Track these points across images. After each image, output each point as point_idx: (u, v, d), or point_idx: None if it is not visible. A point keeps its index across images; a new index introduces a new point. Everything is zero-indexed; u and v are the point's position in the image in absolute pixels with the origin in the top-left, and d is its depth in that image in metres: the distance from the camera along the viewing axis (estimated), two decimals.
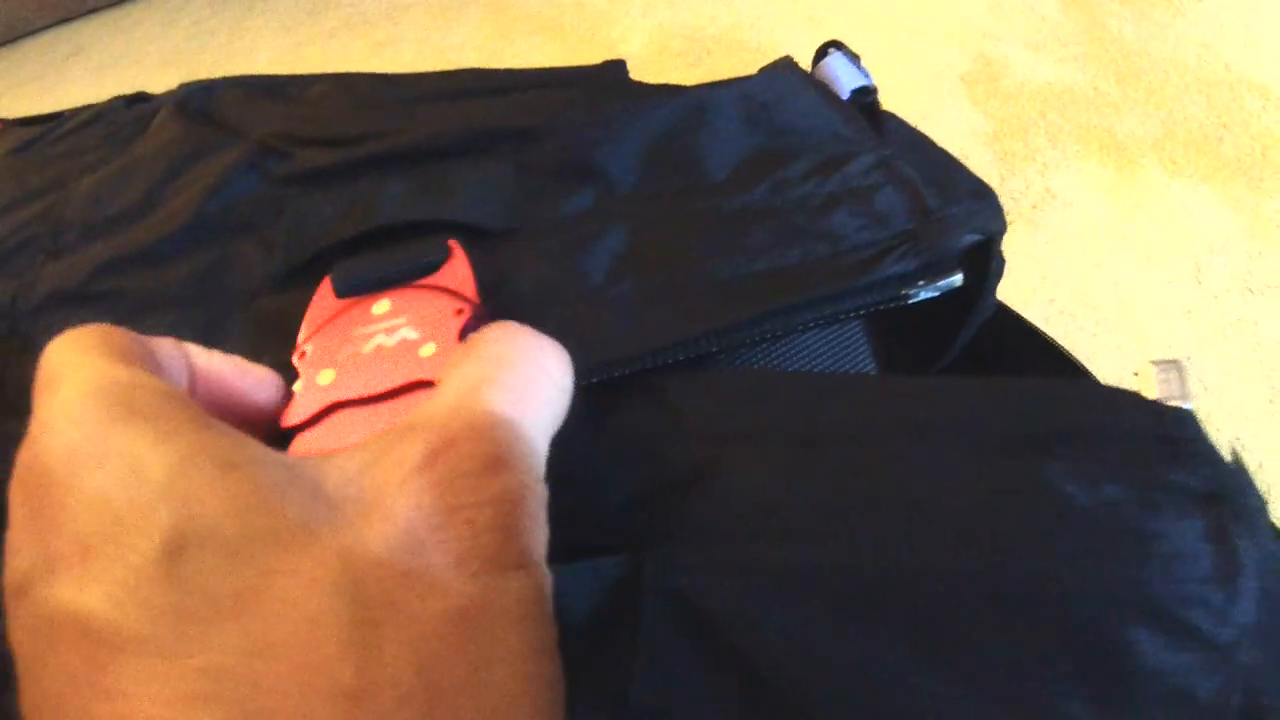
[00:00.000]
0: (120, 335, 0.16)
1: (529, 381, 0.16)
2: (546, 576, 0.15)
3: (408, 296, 0.23)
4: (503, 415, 0.15)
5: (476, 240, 0.25)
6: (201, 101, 0.33)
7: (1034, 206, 0.78)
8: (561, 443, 0.20)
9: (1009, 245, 0.27)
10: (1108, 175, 0.81)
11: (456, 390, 0.15)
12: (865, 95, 0.33)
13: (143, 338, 0.17)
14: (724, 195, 0.26)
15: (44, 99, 1.22)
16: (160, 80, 1.10)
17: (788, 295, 0.24)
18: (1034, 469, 0.19)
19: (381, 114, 0.30)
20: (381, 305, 0.22)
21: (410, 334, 0.22)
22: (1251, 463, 0.61)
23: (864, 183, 0.27)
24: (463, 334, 0.21)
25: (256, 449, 0.14)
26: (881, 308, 0.24)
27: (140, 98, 0.37)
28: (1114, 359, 0.66)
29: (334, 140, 0.29)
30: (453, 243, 0.24)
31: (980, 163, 0.81)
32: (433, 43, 1.06)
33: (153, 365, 0.16)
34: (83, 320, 0.25)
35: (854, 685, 0.18)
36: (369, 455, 0.14)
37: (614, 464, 0.23)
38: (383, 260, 0.24)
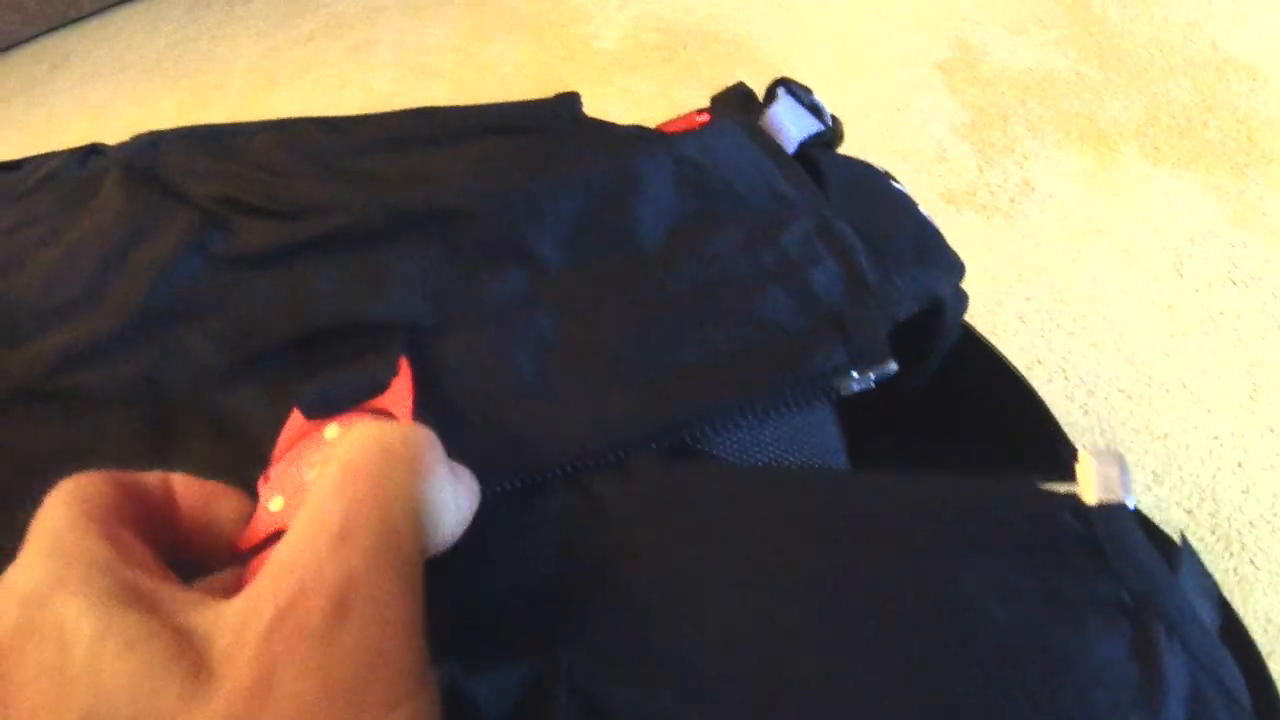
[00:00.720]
0: (104, 487, 0.18)
1: (383, 511, 0.16)
2: (431, 702, 0.16)
3: (352, 421, 0.23)
4: (343, 562, 0.15)
5: (411, 335, 0.26)
6: (147, 160, 0.33)
7: (1012, 200, 0.77)
8: (477, 535, 0.21)
9: (986, 240, 0.27)
10: (1088, 164, 0.80)
11: (296, 540, 0.16)
12: (818, 140, 0.33)
13: (131, 480, 0.19)
14: (655, 272, 0.26)
15: (32, 113, 1.22)
16: (145, 89, 1.10)
17: (716, 392, 0.24)
18: (952, 579, 0.19)
19: (318, 179, 0.31)
20: (332, 430, 0.23)
21: None
22: (1230, 461, 0.62)
23: (799, 255, 0.27)
24: None
25: (156, 622, 0.15)
26: (815, 400, 0.24)
27: (93, 149, 0.37)
28: (1091, 358, 0.67)
29: (272, 211, 0.30)
30: (403, 359, 0.24)
31: (958, 155, 0.81)
32: (410, 44, 1.05)
33: (135, 504, 0.18)
34: (42, 419, 0.27)
35: None
36: (243, 608, 0.15)
37: (533, 553, 0.23)
38: (338, 381, 0.24)
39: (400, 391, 0.24)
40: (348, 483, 0.16)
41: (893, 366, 0.25)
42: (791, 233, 0.27)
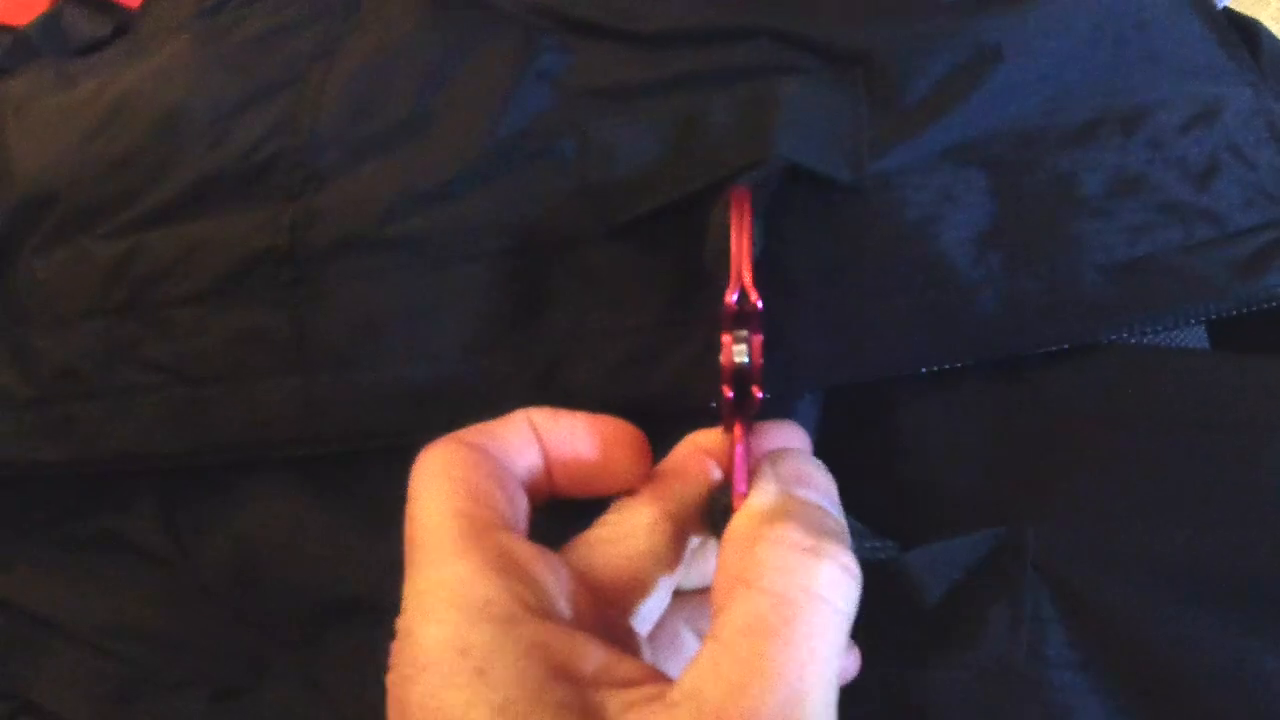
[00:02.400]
0: (470, 465, 0.17)
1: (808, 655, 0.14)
2: None
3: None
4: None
5: (805, 188, 0.22)
6: None
7: None
8: (912, 415, 0.21)
9: None
10: None
11: (727, 687, 0.14)
12: None
13: (491, 444, 0.18)
14: (1090, 147, 0.22)
15: None
16: None
17: (1171, 294, 0.21)
18: None
19: None
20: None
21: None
22: None
23: (1243, 138, 0.23)
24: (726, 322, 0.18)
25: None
26: (1251, 309, 0.21)
27: None
28: None
29: (617, 32, 0.24)
30: (737, 195, 0.20)
31: None
32: None
33: (506, 478, 0.17)
34: (382, 271, 0.23)
35: (1235, 681, 0.19)
36: None
37: (964, 434, 0.22)
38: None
39: (739, 240, 0.19)
40: (788, 641, 0.14)
41: None
42: (1233, 111, 0.23)
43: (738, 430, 0.18)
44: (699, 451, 0.20)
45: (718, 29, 0.24)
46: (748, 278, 0.18)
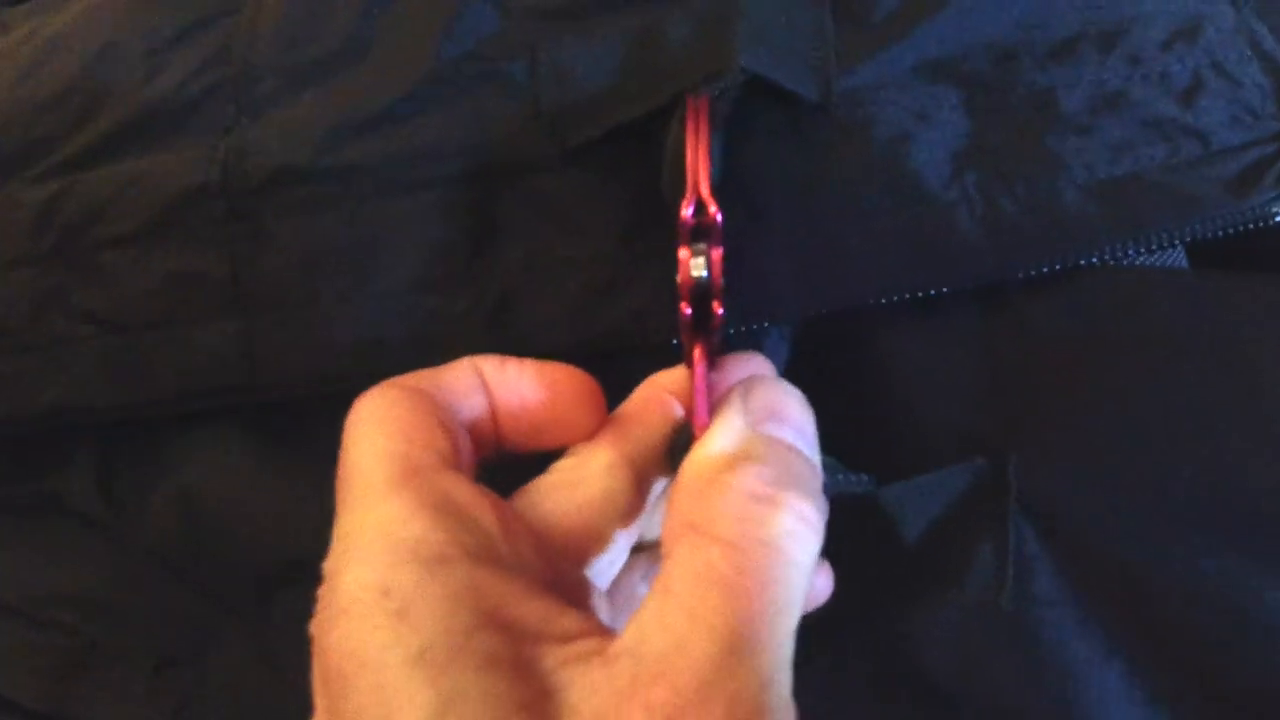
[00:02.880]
0: (409, 407, 0.16)
1: (775, 635, 0.13)
2: None
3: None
4: (728, 685, 0.12)
5: (769, 107, 0.21)
6: None
7: None
8: (888, 346, 0.20)
9: None
10: None
11: (672, 637, 0.13)
12: None
13: (434, 389, 0.16)
14: (1068, 63, 0.21)
15: None
16: None
17: (1157, 213, 0.20)
18: None
19: None
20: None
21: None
22: None
23: (1226, 55, 0.22)
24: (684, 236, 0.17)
25: (511, 696, 0.12)
26: (1237, 229, 0.20)
27: None
28: None
29: None
30: (692, 106, 0.19)
31: None
32: None
33: (449, 421, 0.16)
34: (319, 202, 0.22)
35: (1210, 600, 0.19)
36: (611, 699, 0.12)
37: (947, 364, 0.21)
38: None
39: (695, 152, 0.18)
40: (738, 592, 0.13)
41: None
42: (1215, 28, 0.22)
43: (697, 353, 0.17)
44: (661, 392, 0.18)
45: None
46: (704, 189, 0.17)
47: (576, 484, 0.17)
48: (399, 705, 0.12)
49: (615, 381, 0.19)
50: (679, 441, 0.18)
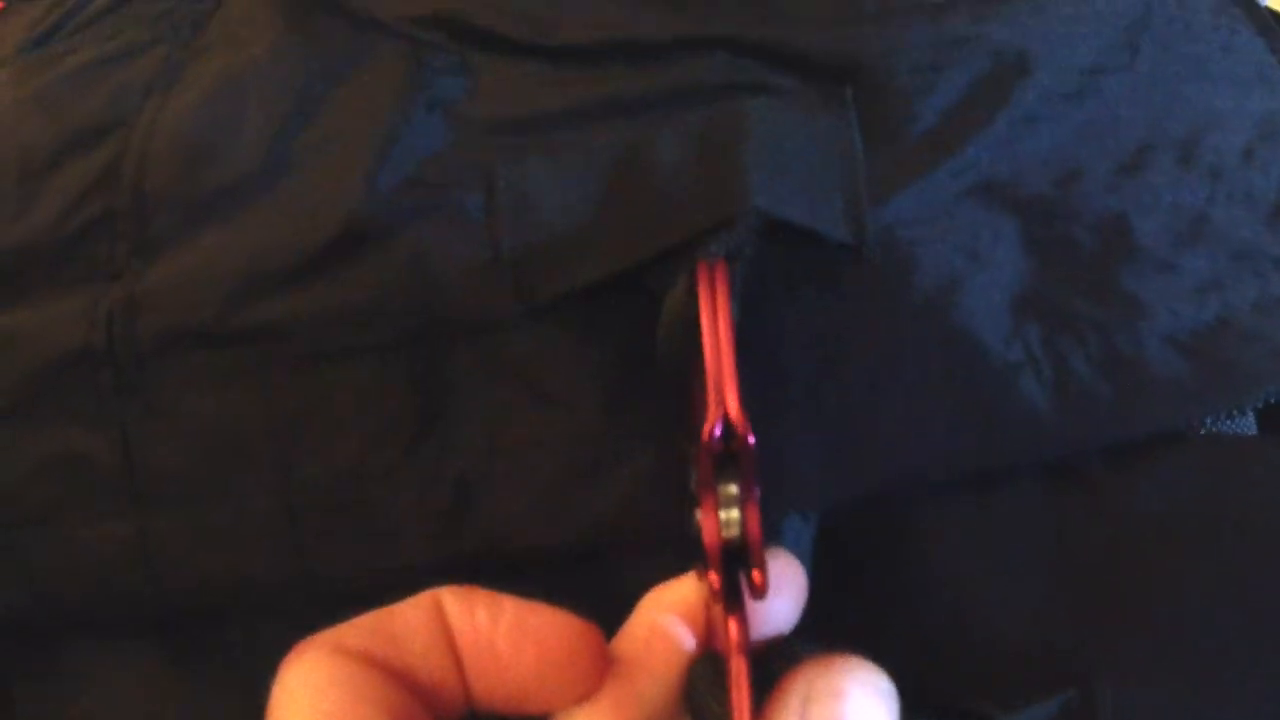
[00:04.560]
0: (346, 689, 0.13)
1: None
2: None
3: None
4: None
5: (788, 251, 0.17)
6: None
7: None
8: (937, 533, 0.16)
9: None
10: None
11: None
12: None
13: (382, 648, 0.13)
14: (1142, 182, 0.17)
15: None
16: None
17: (1256, 369, 0.17)
18: None
19: None
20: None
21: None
22: None
23: None
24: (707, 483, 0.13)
25: None
26: None
27: None
28: None
29: (526, 45, 0.19)
30: (703, 272, 0.15)
31: None
32: None
33: (396, 702, 0.13)
34: (230, 374, 0.18)
35: None
36: None
37: (1010, 556, 0.17)
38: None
39: (716, 347, 0.14)
40: None
41: None
42: None
43: (734, 634, 0.13)
44: (666, 620, 0.14)
45: (659, 41, 0.18)
46: (733, 403, 0.13)
47: None
48: None
49: (602, 586, 0.15)
50: (697, 683, 0.14)
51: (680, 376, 0.15)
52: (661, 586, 0.15)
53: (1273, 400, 0.17)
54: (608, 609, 0.15)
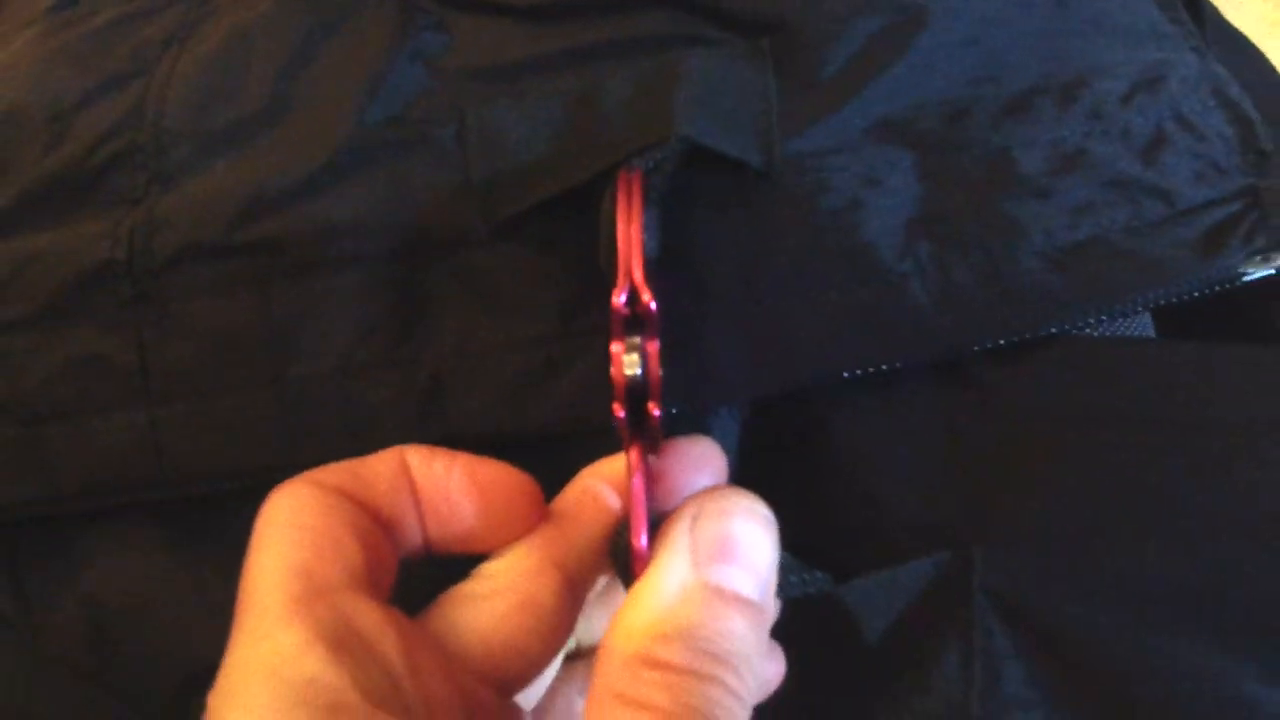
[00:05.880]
0: (323, 511, 0.14)
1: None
2: None
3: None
4: None
5: (712, 176, 0.19)
6: None
7: None
8: (846, 426, 0.19)
9: None
10: None
11: None
12: None
13: (354, 486, 0.15)
14: (1025, 119, 0.20)
15: None
16: None
17: (1122, 279, 0.19)
18: None
19: None
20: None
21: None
22: None
23: (1189, 106, 0.21)
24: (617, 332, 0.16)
25: None
26: (1205, 292, 0.20)
27: None
28: None
29: (496, 5, 0.22)
30: (625, 181, 0.17)
31: None
32: None
33: (366, 527, 0.15)
34: (234, 282, 0.20)
35: (1189, 698, 0.17)
36: None
37: (908, 446, 0.20)
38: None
39: (628, 233, 0.17)
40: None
41: None
42: (1178, 78, 0.21)
43: (634, 458, 0.15)
44: (597, 485, 0.17)
45: (612, 0, 0.21)
46: (638, 275, 0.16)
47: (496, 594, 0.15)
48: None
49: (556, 470, 0.18)
50: (621, 541, 0.16)
51: (611, 279, 0.17)
52: (598, 460, 0.18)
53: (1143, 308, 0.19)
54: (562, 486, 0.18)
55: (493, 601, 0.15)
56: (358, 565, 0.14)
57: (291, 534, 0.14)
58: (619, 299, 0.15)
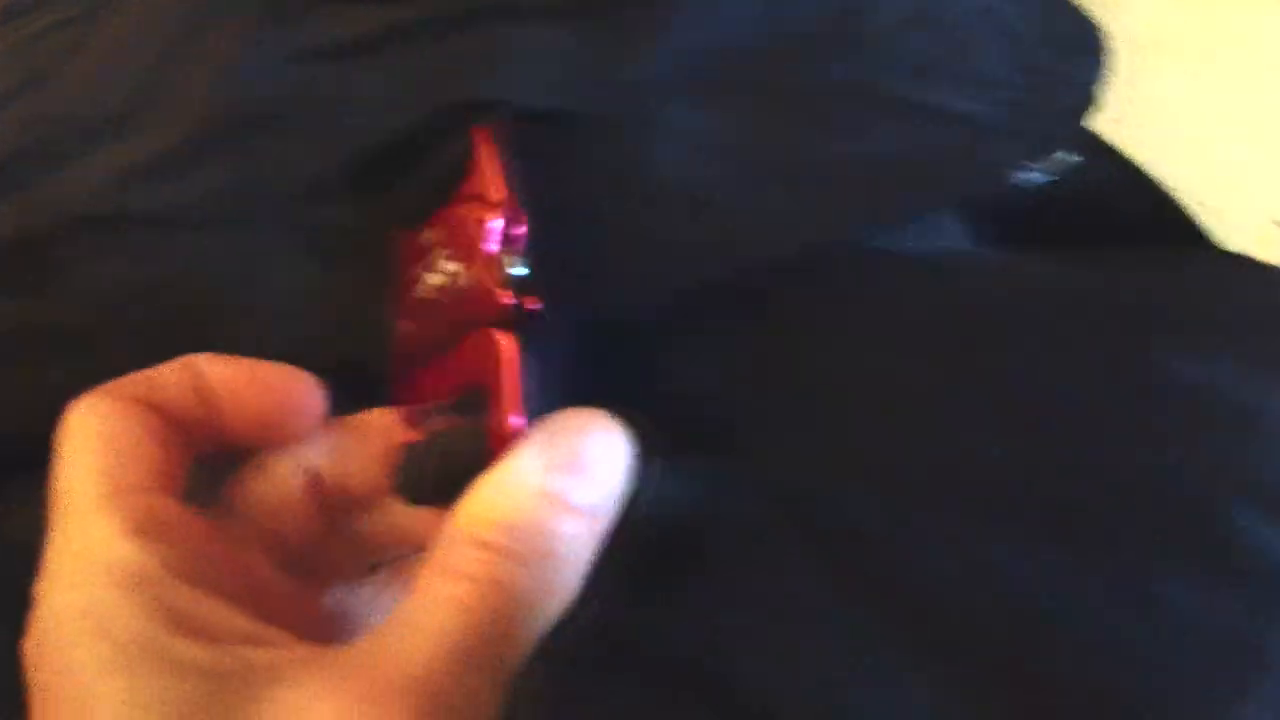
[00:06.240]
0: (119, 418, 0.16)
1: (509, 647, 0.15)
2: None
3: (445, 216, 0.20)
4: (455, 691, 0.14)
5: (528, 129, 0.21)
6: None
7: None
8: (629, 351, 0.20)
9: None
10: None
11: (410, 650, 0.14)
12: None
13: (148, 392, 0.17)
14: (811, 56, 0.22)
15: None
16: None
17: (894, 192, 0.21)
18: (1142, 345, 0.20)
19: None
20: (427, 235, 0.20)
21: (450, 266, 0.19)
22: None
23: (961, 30, 0.23)
24: (495, 240, 0.18)
25: (197, 690, 0.13)
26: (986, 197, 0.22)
27: None
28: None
29: None
30: (477, 132, 0.20)
31: None
32: None
33: (161, 431, 0.16)
34: (110, 247, 0.23)
35: (989, 590, 0.18)
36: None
37: (692, 362, 0.21)
38: (415, 182, 0.21)
39: (484, 164, 0.19)
40: (472, 610, 0.14)
41: (1075, 158, 0.23)
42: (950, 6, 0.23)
43: (510, 344, 0.17)
44: (385, 415, 0.19)
45: None
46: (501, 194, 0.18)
47: (265, 488, 0.18)
48: (93, 706, 0.13)
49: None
50: (407, 458, 0.18)
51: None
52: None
53: (917, 216, 0.21)
54: None
55: (258, 495, 0.17)
56: (155, 462, 0.16)
57: (94, 442, 0.16)
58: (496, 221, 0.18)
